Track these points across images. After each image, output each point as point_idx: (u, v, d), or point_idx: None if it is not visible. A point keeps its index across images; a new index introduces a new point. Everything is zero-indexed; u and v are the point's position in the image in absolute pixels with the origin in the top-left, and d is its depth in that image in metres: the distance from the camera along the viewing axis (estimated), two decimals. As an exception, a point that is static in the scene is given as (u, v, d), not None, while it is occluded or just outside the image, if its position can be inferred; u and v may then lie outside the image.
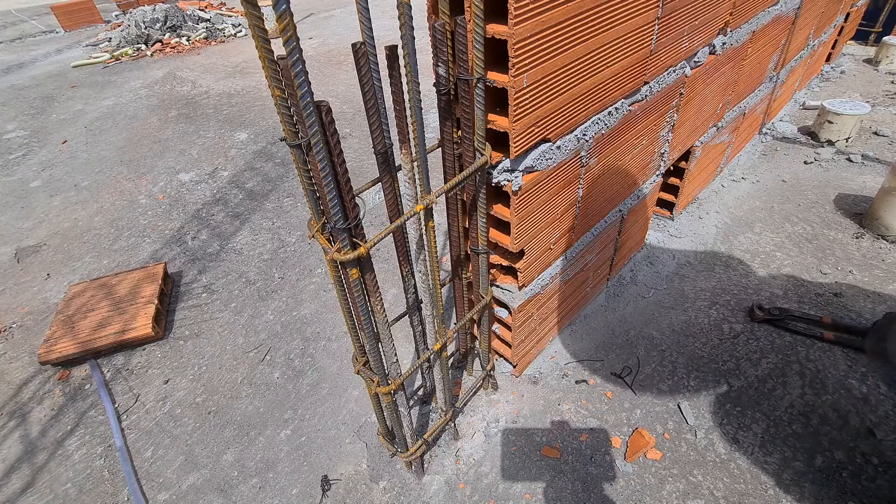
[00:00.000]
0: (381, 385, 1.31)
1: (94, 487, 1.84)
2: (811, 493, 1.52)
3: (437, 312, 1.36)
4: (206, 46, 7.58)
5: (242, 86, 5.64)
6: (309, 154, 0.87)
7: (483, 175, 1.23)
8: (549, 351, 2.08)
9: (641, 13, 1.37)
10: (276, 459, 1.84)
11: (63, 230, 3.39)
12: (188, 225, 3.30)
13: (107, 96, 5.82)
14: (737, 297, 2.22)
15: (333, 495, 1.70)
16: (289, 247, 2.97)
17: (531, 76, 1.12)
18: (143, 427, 2.04)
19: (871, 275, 2.24)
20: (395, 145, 3.55)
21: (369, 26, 0.87)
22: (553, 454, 1.71)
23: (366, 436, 1.86)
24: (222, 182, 3.75)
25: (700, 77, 1.95)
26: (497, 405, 1.90)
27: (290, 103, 0.80)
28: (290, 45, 0.70)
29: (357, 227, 1.01)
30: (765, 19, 2.24)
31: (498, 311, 1.75)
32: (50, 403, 2.19)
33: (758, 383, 1.85)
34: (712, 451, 1.68)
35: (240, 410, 2.05)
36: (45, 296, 2.81)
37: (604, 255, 2.08)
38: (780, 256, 2.41)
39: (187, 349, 2.37)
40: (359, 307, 1.11)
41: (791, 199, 2.77)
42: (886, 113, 3.45)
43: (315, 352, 2.26)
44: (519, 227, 1.40)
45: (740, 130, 2.82)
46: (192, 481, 1.82)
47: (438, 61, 1.01)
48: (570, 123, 1.37)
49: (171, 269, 2.89)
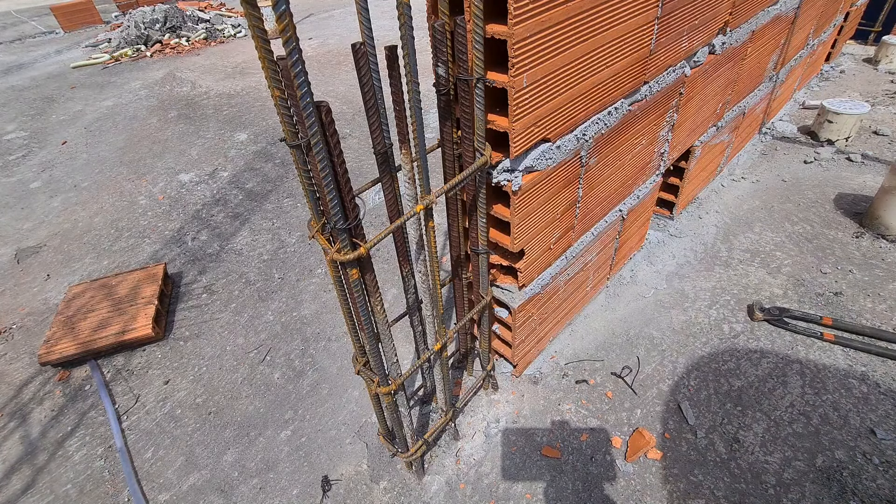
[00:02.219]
0: (382, 385, 1.31)
1: (95, 488, 1.84)
2: (812, 493, 1.52)
3: (437, 312, 1.36)
4: (205, 47, 7.58)
5: (242, 86, 5.64)
6: (309, 154, 0.87)
7: (483, 175, 1.23)
8: (549, 351, 2.08)
9: (641, 13, 1.37)
10: (277, 460, 1.84)
11: (63, 231, 3.39)
12: (188, 225, 3.30)
13: (106, 97, 5.82)
14: (737, 297, 2.22)
15: (334, 496, 1.70)
16: (289, 247, 2.97)
17: (531, 76, 1.12)
18: (143, 428, 2.04)
19: (871, 274, 2.24)
20: (395, 145, 3.55)
21: (369, 26, 0.87)
22: (553, 454, 1.71)
23: (366, 436, 1.86)
24: (222, 182, 3.76)
25: (700, 77, 1.95)
26: (497, 405, 1.90)
27: (290, 103, 0.80)
28: (290, 45, 0.70)
29: (357, 228, 1.01)
30: (764, 19, 2.24)
31: (498, 311, 1.75)
32: (50, 404, 2.19)
33: (758, 383, 1.86)
34: (713, 450, 1.68)
35: (240, 411, 2.05)
36: (45, 296, 2.81)
37: (604, 255, 2.08)
38: (779, 256, 2.41)
39: (187, 350, 2.37)
40: (359, 307, 1.11)
41: (791, 199, 2.77)
42: (886, 112, 3.45)
43: (315, 352, 2.26)
44: (519, 227, 1.40)
45: (740, 130, 2.82)
46: (193, 482, 1.82)
47: (438, 61, 1.01)
48: (570, 123, 1.37)
49: (172, 270, 2.89)
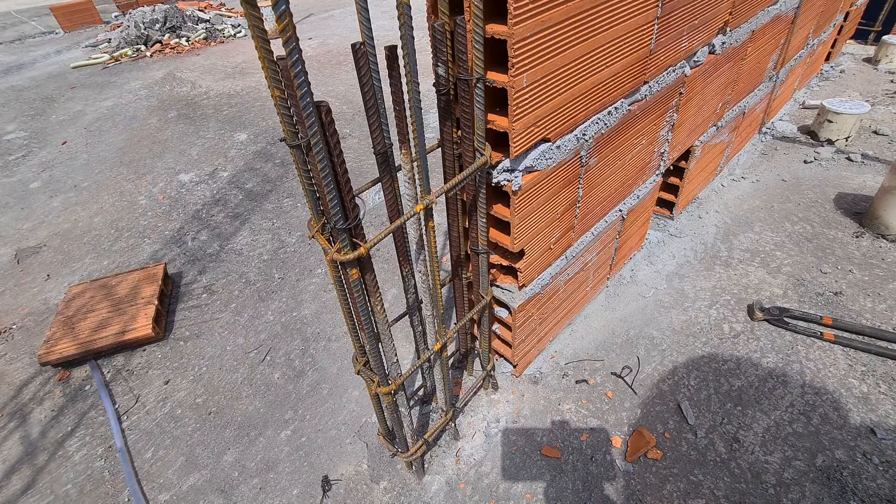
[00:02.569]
0: (382, 385, 1.31)
1: (95, 488, 1.84)
2: (812, 493, 1.52)
3: (437, 312, 1.36)
4: (205, 47, 7.58)
5: (242, 86, 5.64)
6: (309, 154, 0.87)
7: (483, 175, 1.22)
8: (549, 351, 2.08)
9: (641, 13, 1.37)
10: (277, 460, 1.84)
11: (63, 231, 3.39)
12: (188, 225, 3.30)
13: (106, 97, 5.82)
14: (737, 297, 2.22)
15: (334, 496, 1.70)
16: (289, 247, 2.96)
17: (531, 76, 1.12)
18: (143, 428, 2.04)
19: (871, 274, 2.24)
20: (395, 145, 3.55)
21: (369, 26, 0.87)
22: (553, 454, 1.71)
23: (366, 436, 1.86)
24: (222, 182, 3.76)
25: (700, 76, 1.95)
26: (497, 405, 1.90)
27: (289, 103, 0.80)
28: (290, 45, 0.70)
29: (357, 228, 1.01)
30: (764, 19, 2.24)
31: (498, 311, 1.75)
32: (50, 404, 2.19)
33: (758, 383, 1.86)
34: (713, 450, 1.68)
35: (240, 411, 2.05)
36: (45, 297, 2.81)
37: (604, 255, 2.08)
38: (779, 256, 2.41)
39: (187, 350, 2.37)
40: (359, 307, 1.11)
41: (791, 199, 2.77)
42: (886, 112, 3.45)
43: (315, 352, 2.26)
44: (519, 226, 1.40)
45: (740, 130, 2.82)
46: (193, 482, 1.82)
47: (438, 61, 1.01)
48: (570, 123, 1.36)
49: (171, 270, 2.89)
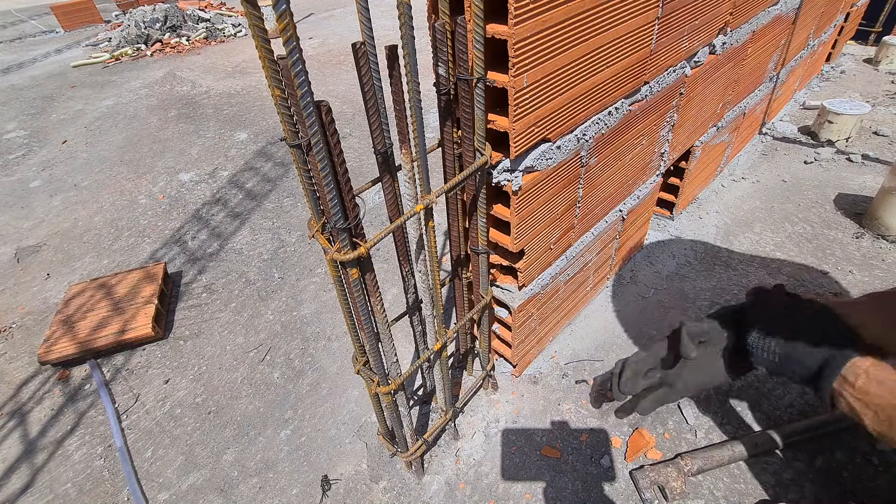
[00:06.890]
0: (381, 385, 1.31)
1: (94, 487, 1.84)
2: (811, 493, 1.52)
3: (437, 312, 1.36)
4: (205, 46, 7.58)
5: (242, 86, 5.64)
6: (309, 154, 0.87)
7: (483, 175, 1.22)
8: (549, 351, 2.08)
9: (641, 13, 1.36)
10: (276, 459, 1.84)
11: (63, 230, 3.39)
12: (188, 225, 3.30)
13: (107, 96, 5.81)
14: (737, 297, 2.22)
15: (333, 495, 1.70)
16: (289, 247, 2.96)
17: (531, 76, 1.11)
18: (143, 427, 2.03)
19: (871, 275, 2.24)
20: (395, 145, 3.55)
21: (369, 26, 0.87)
22: (553, 454, 1.71)
23: (366, 436, 1.86)
24: (222, 182, 3.75)
25: (700, 77, 1.94)
26: (497, 405, 1.90)
27: (290, 103, 0.80)
28: (290, 44, 0.70)
29: (357, 227, 1.01)
30: (765, 19, 2.24)
31: (498, 311, 1.75)
32: (50, 403, 2.19)
33: (757, 383, 1.85)
34: (712, 450, 1.67)
35: (240, 410, 2.05)
36: (44, 296, 2.81)
37: (604, 255, 2.08)
38: (779, 256, 2.41)
39: (187, 349, 2.37)
40: (359, 307, 1.11)
41: (791, 199, 2.77)
42: (886, 113, 3.45)
43: (315, 352, 2.26)
44: (519, 227, 1.40)
45: (740, 130, 2.82)
46: (192, 481, 1.82)
47: (438, 61, 1.01)
48: (570, 123, 1.36)
49: (171, 269, 2.89)
